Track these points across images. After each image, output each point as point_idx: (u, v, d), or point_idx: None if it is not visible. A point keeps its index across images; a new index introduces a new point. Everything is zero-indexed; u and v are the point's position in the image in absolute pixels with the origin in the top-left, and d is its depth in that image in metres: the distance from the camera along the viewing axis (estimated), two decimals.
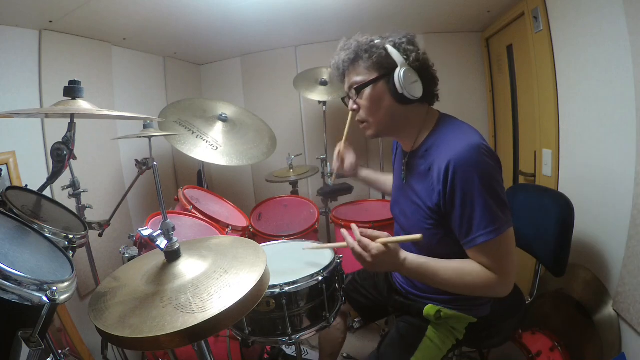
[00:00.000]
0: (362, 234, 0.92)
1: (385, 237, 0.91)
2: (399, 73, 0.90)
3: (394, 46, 0.93)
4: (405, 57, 0.92)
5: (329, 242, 1.72)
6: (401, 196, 1.09)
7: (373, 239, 0.91)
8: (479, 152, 0.85)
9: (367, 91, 0.96)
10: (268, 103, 2.75)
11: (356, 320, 1.99)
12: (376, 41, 0.94)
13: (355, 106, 1.00)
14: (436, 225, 0.95)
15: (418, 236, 0.86)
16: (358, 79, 0.97)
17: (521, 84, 2.00)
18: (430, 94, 0.98)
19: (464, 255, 0.92)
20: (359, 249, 0.90)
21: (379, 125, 1.00)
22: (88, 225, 1.14)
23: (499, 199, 0.86)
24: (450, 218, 0.91)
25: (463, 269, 0.91)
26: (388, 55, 0.92)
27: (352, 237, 0.94)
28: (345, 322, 1.40)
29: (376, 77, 0.95)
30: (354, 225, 0.96)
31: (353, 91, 0.98)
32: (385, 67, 0.93)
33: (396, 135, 1.06)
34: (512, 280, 0.89)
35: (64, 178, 1.08)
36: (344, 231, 0.97)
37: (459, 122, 0.99)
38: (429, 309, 1.03)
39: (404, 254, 0.92)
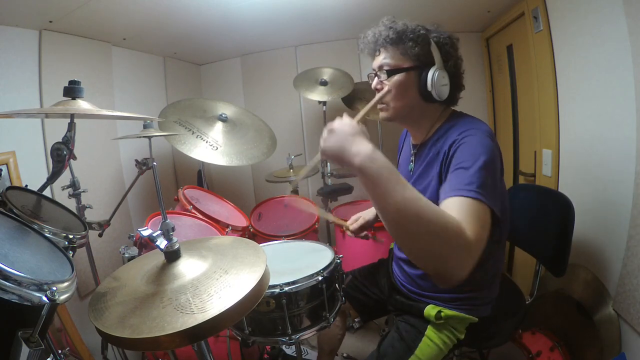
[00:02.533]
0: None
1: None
2: (434, 72, 0.91)
3: (438, 44, 0.93)
4: (444, 58, 0.93)
5: (329, 243, 1.72)
6: None
7: None
8: (488, 136, 0.86)
9: (397, 77, 0.96)
10: (268, 103, 2.75)
11: (356, 320, 1.99)
12: (422, 32, 0.94)
13: (379, 86, 0.99)
14: None
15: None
16: (392, 62, 0.96)
17: (521, 84, 2.00)
18: (453, 97, 1.00)
19: None
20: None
21: (396, 111, 1.00)
22: (88, 225, 1.14)
23: (494, 179, 0.80)
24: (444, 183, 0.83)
25: (434, 205, 0.69)
26: (429, 50, 0.93)
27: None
28: (345, 320, 1.40)
29: (410, 67, 0.95)
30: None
31: (384, 72, 0.98)
32: (422, 61, 0.94)
33: (409, 125, 1.08)
34: (475, 252, 0.68)
35: (64, 178, 1.08)
36: None
37: (471, 116, 1.01)
38: (430, 310, 1.02)
39: (373, 147, 0.70)
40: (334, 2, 1.84)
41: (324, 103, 2.25)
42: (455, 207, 0.72)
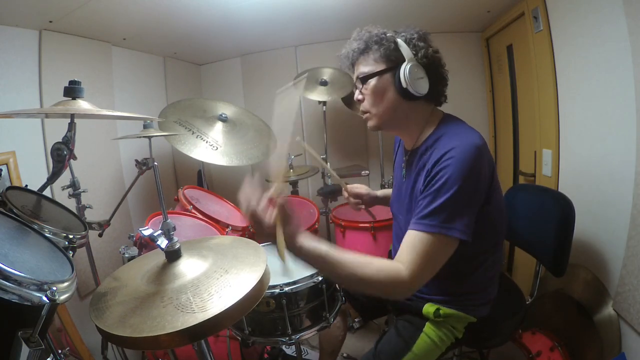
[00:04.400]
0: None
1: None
2: (405, 67, 0.91)
3: (405, 41, 0.93)
4: (414, 52, 0.92)
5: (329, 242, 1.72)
6: (401, 192, 1.09)
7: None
8: (477, 154, 0.84)
9: (373, 82, 0.96)
10: (268, 103, 2.73)
11: (356, 320, 2.00)
12: (388, 34, 0.95)
13: (360, 96, 1.01)
14: None
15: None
16: (365, 69, 0.97)
17: (521, 84, 2.00)
18: (436, 93, 0.98)
19: (462, 254, 0.88)
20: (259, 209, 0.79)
21: (380, 118, 1.00)
22: (88, 225, 1.14)
23: (468, 206, 0.84)
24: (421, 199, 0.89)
25: (366, 258, 0.84)
26: (397, 48, 0.93)
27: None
28: (345, 321, 1.40)
29: (383, 69, 0.95)
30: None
31: (359, 81, 0.99)
32: (393, 60, 0.94)
33: (398, 130, 1.07)
34: (415, 288, 0.84)
35: (64, 178, 1.08)
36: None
37: (462, 123, 0.99)
38: (428, 307, 1.03)
39: (301, 241, 0.82)
40: (334, 2, 1.84)
41: (324, 103, 2.26)
42: (409, 242, 0.85)
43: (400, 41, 0.93)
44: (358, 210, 1.39)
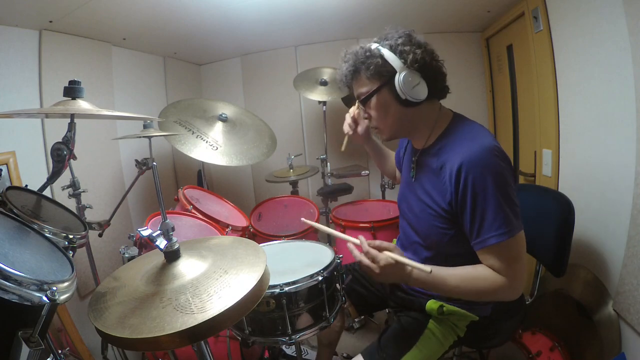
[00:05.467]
0: (369, 245, 0.91)
1: (392, 253, 0.90)
2: (399, 79, 0.90)
3: (391, 49, 0.92)
4: (403, 60, 0.91)
5: (329, 243, 1.72)
6: (410, 193, 1.09)
7: (380, 250, 0.91)
8: (492, 154, 0.86)
9: (373, 101, 0.97)
10: (268, 103, 2.75)
11: (356, 320, 1.99)
12: (373, 47, 0.93)
13: (366, 115, 1.03)
14: (446, 225, 0.95)
15: (427, 269, 0.86)
16: (363, 90, 0.98)
17: (521, 84, 2.00)
18: (437, 90, 0.97)
19: (473, 254, 0.92)
20: (366, 261, 0.90)
21: (390, 130, 1.02)
22: (88, 225, 1.13)
23: (511, 201, 0.87)
24: (462, 218, 0.91)
25: (471, 273, 0.91)
26: (385, 61, 0.92)
27: (358, 250, 0.92)
28: (343, 314, 1.39)
29: (378, 87, 0.95)
30: (361, 237, 0.94)
31: (360, 103, 1.01)
32: (385, 75, 0.93)
33: (410, 135, 1.07)
34: (521, 285, 0.90)
35: (64, 178, 1.08)
36: (350, 245, 0.95)
37: (472, 122, 0.99)
38: (432, 304, 1.03)
39: (413, 282, 0.93)
40: (334, 2, 1.84)
41: (324, 103, 2.26)
42: (492, 257, 0.89)
43: (386, 53, 0.91)
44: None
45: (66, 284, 0.66)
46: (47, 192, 1.06)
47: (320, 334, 1.40)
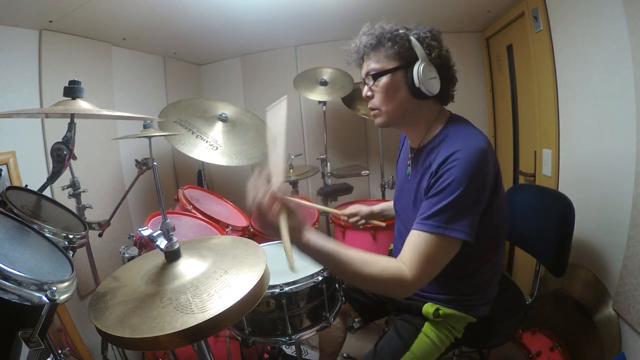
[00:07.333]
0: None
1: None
2: (419, 67, 0.90)
3: (418, 39, 0.92)
4: (427, 51, 0.91)
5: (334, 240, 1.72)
6: (404, 192, 1.09)
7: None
8: (483, 156, 0.85)
9: (384, 79, 0.95)
10: (268, 103, 2.73)
11: (356, 320, 1.99)
12: (401, 31, 0.94)
13: (369, 93, 1.00)
14: None
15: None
16: (377, 66, 0.96)
17: (521, 84, 2.00)
18: (445, 93, 0.98)
19: (469, 257, 0.90)
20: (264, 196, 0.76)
21: (389, 115, 0.99)
22: (88, 225, 1.13)
23: (472, 208, 0.84)
24: (424, 199, 0.89)
25: (372, 257, 0.85)
26: (411, 47, 0.92)
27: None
28: (345, 322, 1.39)
29: (395, 67, 0.94)
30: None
31: (370, 77, 0.97)
32: (406, 59, 0.93)
33: (405, 128, 1.06)
34: (417, 287, 0.85)
35: (64, 178, 1.08)
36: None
37: (468, 124, 0.99)
38: (428, 307, 1.03)
39: (307, 236, 0.82)
40: (334, 2, 1.84)
41: (324, 103, 2.25)
42: (412, 242, 0.86)
43: (413, 39, 0.92)
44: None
45: (66, 284, 0.66)
46: (47, 192, 1.06)
47: (324, 342, 1.41)
